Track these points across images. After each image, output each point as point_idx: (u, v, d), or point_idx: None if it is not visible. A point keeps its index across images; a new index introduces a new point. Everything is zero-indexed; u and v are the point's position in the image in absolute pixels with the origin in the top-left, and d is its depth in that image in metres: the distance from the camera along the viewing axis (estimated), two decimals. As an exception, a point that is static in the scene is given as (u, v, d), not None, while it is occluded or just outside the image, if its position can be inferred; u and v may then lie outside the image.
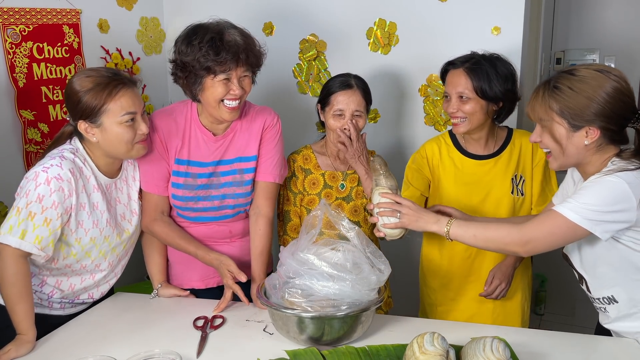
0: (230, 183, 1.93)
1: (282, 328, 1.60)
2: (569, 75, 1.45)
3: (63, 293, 1.77)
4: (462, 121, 1.91)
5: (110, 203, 1.78)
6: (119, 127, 1.66)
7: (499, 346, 1.34)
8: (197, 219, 1.95)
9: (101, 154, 1.72)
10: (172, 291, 1.96)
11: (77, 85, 1.64)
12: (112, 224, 1.77)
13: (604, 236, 1.41)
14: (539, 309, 3.73)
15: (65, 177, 1.61)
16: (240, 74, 1.77)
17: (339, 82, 2.02)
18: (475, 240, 1.55)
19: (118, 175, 1.81)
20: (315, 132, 2.65)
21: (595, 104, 1.41)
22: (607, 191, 1.40)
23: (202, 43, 1.71)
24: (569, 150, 1.47)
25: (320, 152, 2.14)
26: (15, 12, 2.17)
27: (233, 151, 1.93)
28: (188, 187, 1.90)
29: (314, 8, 2.69)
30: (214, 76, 1.74)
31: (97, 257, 1.76)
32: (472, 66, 1.88)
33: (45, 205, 1.58)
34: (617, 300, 1.51)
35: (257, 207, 1.96)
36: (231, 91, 1.76)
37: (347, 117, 1.99)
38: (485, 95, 1.87)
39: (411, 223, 1.62)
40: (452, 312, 2.08)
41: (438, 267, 2.09)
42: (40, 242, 1.58)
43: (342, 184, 2.09)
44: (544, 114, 1.48)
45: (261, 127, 1.95)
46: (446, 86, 1.95)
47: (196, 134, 1.90)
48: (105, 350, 1.55)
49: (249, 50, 1.77)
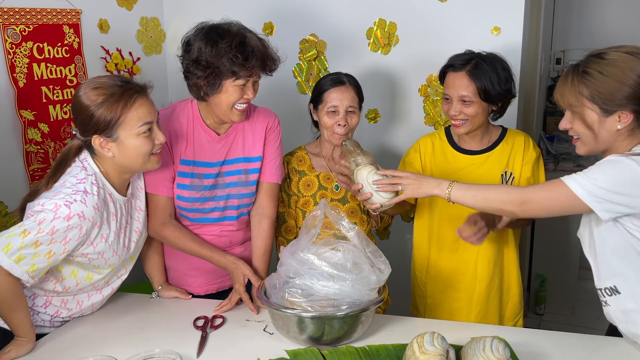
0: (236, 183, 1.93)
1: (282, 328, 1.60)
2: (598, 59, 1.43)
3: (70, 312, 1.73)
4: (463, 123, 1.92)
5: (128, 222, 1.73)
6: (137, 139, 1.58)
7: (499, 346, 1.34)
8: (200, 220, 1.94)
9: (115, 170, 1.64)
10: (173, 292, 1.95)
11: (86, 99, 1.55)
12: (127, 244, 1.73)
13: (604, 215, 1.40)
14: (539, 309, 3.73)
15: (89, 215, 1.53)
16: (255, 78, 1.79)
17: (331, 80, 2.04)
18: (474, 200, 1.57)
19: (129, 191, 1.74)
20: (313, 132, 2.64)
21: (627, 87, 1.38)
22: (619, 172, 1.38)
23: (231, 47, 1.69)
24: (601, 135, 1.45)
25: (314, 153, 2.13)
26: (15, 12, 2.17)
27: (237, 151, 1.93)
28: (195, 188, 1.88)
29: (314, 8, 2.69)
30: (234, 79, 1.73)
31: (108, 274, 1.73)
32: (473, 69, 1.87)
33: (55, 239, 1.49)
34: (619, 291, 1.50)
35: (261, 208, 1.97)
36: (245, 96, 1.78)
37: (341, 114, 2.00)
38: (487, 98, 1.88)
39: (414, 191, 1.63)
40: (440, 305, 2.09)
41: (426, 259, 2.11)
42: (33, 271, 1.50)
43: (336, 185, 2.09)
44: (574, 99, 1.45)
45: (264, 128, 1.96)
46: (446, 88, 1.94)
47: (200, 134, 1.89)
48: (105, 350, 1.56)
49: (270, 57, 1.79)
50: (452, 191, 1.57)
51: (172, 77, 2.96)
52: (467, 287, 2.04)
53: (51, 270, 1.61)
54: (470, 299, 2.04)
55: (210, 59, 1.70)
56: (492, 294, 2.04)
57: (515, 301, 2.08)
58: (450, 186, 1.57)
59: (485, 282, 2.02)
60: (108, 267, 1.68)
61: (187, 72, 1.78)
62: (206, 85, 1.74)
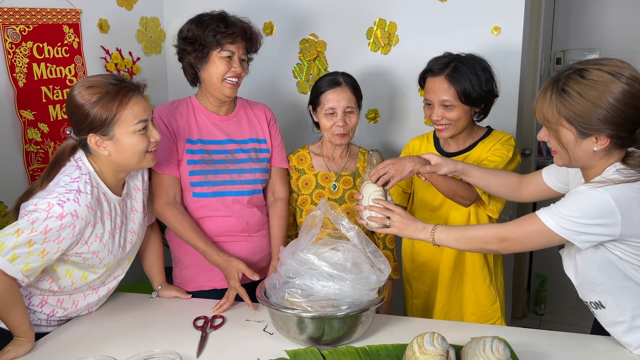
0: (247, 159, 2.01)
1: (282, 328, 1.60)
2: (578, 78, 1.37)
3: (66, 311, 1.73)
4: (446, 127, 1.92)
5: (123, 222, 1.73)
6: (132, 136, 1.59)
7: (499, 346, 1.34)
8: (215, 194, 1.96)
9: (110, 169, 1.64)
10: (172, 292, 1.95)
11: (81, 98, 1.55)
12: (123, 244, 1.73)
13: (583, 245, 1.41)
14: (539, 309, 3.73)
15: (82, 214, 1.53)
16: (241, 55, 1.92)
17: (327, 81, 2.05)
18: (457, 243, 1.59)
19: (124, 190, 1.74)
20: (315, 133, 2.64)
21: (604, 110, 1.33)
22: (590, 205, 1.36)
23: (213, 19, 1.89)
24: (576, 155, 1.42)
25: (316, 152, 2.16)
26: (15, 12, 2.17)
27: (245, 132, 2.04)
28: (206, 162, 1.96)
29: (314, 8, 2.69)
30: (220, 50, 1.88)
31: (106, 277, 1.74)
32: (452, 73, 1.86)
33: (49, 237, 1.49)
34: (604, 305, 1.50)
35: (275, 191, 2.10)
36: (232, 69, 1.90)
37: (339, 115, 2.01)
38: (469, 101, 1.87)
39: (400, 230, 1.65)
40: (425, 305, 2.10)
41: (411, 259, 2.12)
42: (27, 270, 1.49)
43: (334, 184, 2.10)
44: (552, 117, 1.41)
45: (264, 116, 2.09)
46: (427, 93, 1.94)
47: (201, 118, 2.00)
48: (105, 350, 1.55)
49: (251, 30, 1.95)
50: (435, 235, 1.59)
51: (172, 77, 2.96)
52: (432, 278, 2.05)
53: (46, 269, 1.61)
54: (453, 300, 2.03)
55: (197, 33, 1.89)
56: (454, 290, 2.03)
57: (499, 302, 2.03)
58: (434, 230, 1.59)
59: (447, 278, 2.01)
60: (103, 266, 1.68)
61: (180, 53, 1.96)
62: (195, 59, 1.91)
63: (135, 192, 1.80)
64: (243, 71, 1.94)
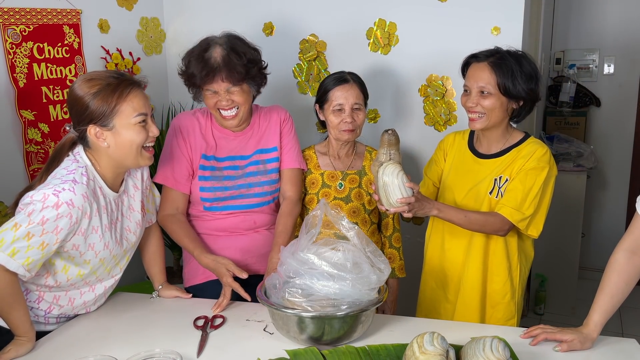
0: (255, 172, 2.03)
1: (282, 328, 1.60)
2: None
3: (62, 309, 1.73)
4: (480, 117, 1.86)
5: (119, 218, 1.73)
6: (132, 129, 1.60)
7: (499, 346, 1.34)
8: (225, 208, 2.02)
9: (109, 164, 1.65)
10: (173, 292, 1.95)
11: (81, 91, 1.57)
12: (119, 240, 1.73)
13: None
14: (539, 309, 3.73)
15: (78, 203, 1.53)
16: (224, 89, 1.90)
17: (335, 79, 2.06)
18: None
19: (121, 188, 1.75)
20: (315, 132, 2.65)
21: None
22: None
23: (197, 58, 1.90)
24: None
25: (322, 152, 2.17)
26: (15, 12, 2.17)
27: (252, 145, 2.05)
28: (216, 179, 1.99)
29: (314, 8, 2.69)
30: (204, 87, 1.92)
31: (102, 273, 1.73)
32: (496, 61, 1.82)
33: (47, 229, 1.49)
34: None
35: (283, 191, 2.09)
36: (218, 102, 1.92)
37: (347, 111, 2.03)
38: (507, 92, 1.82)
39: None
40: (443, 315, 2.06)
41: (434, 269, 2.08)
42: (29, 264, 1.49)
43: (340, 183, 2.10)
44: None
45: (278, 120, 2.08)
46: (467, 79, 1.89)
47: (216, 134, 2.03)
48: (105, 350, 1.56)
49: (230, 67, 1.86)
50: None
51: (172, 77, 2.96)
52: (455, 287, 2.01)
53: (43, 264, 1.61)
54: (472, 311, 1.98)
55: (185, 70, 1.94)
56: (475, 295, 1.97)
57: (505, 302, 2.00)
58: None
59: (470, 285, 1.96)
60: (99, 261, 1.68)
61: None
62: (192, 92, 1.98)
63: (134, 190, 1.80)
64: (236, 102, 1.91)
